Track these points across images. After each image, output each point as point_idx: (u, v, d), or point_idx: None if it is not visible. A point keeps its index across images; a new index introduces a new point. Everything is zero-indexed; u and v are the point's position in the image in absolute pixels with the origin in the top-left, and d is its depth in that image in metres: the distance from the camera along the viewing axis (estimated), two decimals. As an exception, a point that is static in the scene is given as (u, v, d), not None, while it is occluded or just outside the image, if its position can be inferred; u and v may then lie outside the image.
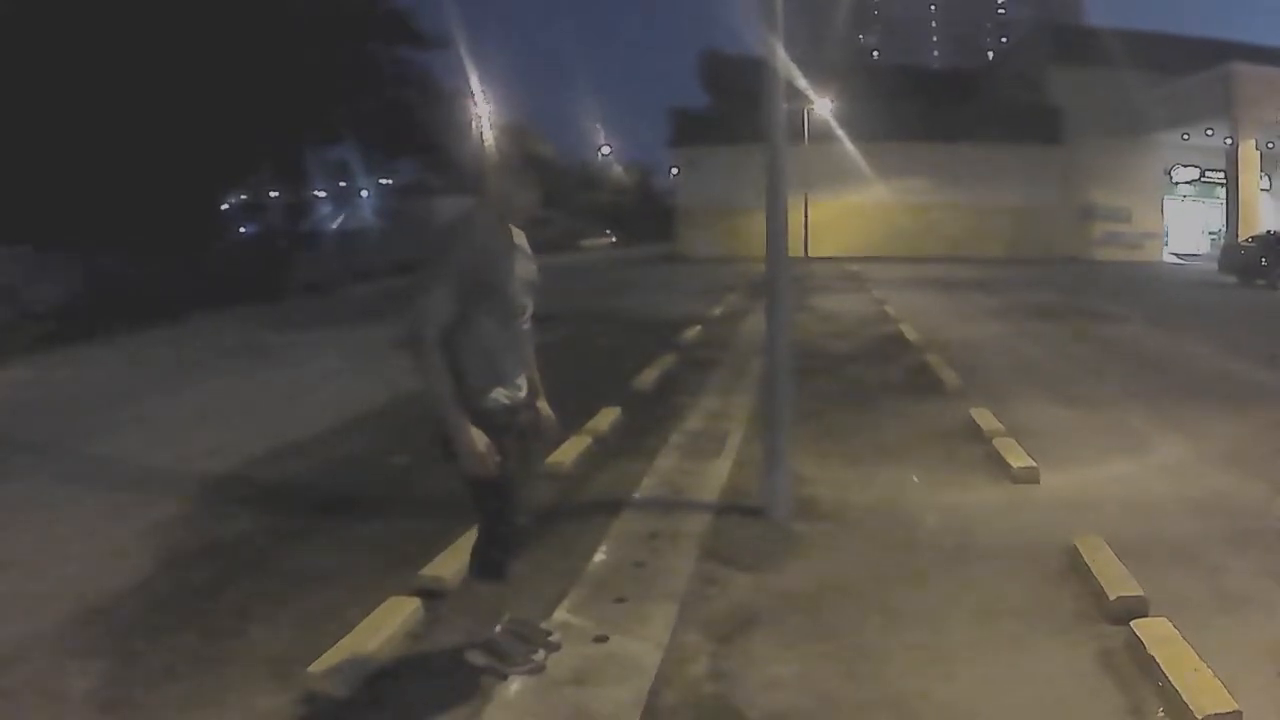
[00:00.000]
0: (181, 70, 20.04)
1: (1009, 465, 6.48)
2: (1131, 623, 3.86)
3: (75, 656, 4.01)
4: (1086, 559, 4.58)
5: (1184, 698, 3.26)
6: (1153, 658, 3.55)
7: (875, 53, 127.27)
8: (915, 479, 6.47)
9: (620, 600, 4.32)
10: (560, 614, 4.13)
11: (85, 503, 6.41)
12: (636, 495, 6.05)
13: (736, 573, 4.74)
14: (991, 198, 41.31)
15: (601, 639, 3.92)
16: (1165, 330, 14.92)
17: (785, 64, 5.64)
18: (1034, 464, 6.43)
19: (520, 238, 3.55)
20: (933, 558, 4.96)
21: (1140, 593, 4.14)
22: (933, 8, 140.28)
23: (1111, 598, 4.14)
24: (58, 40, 18.62)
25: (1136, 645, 3.71)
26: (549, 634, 3.84)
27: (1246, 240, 29.24)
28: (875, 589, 4.54)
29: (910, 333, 14.02)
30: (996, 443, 7.04)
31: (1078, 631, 4.02)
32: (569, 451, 6.84)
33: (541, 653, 3.69)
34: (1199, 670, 3.41)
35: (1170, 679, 3.39)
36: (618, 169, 73.73)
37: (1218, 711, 3.18)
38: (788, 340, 5.90)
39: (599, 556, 4.90)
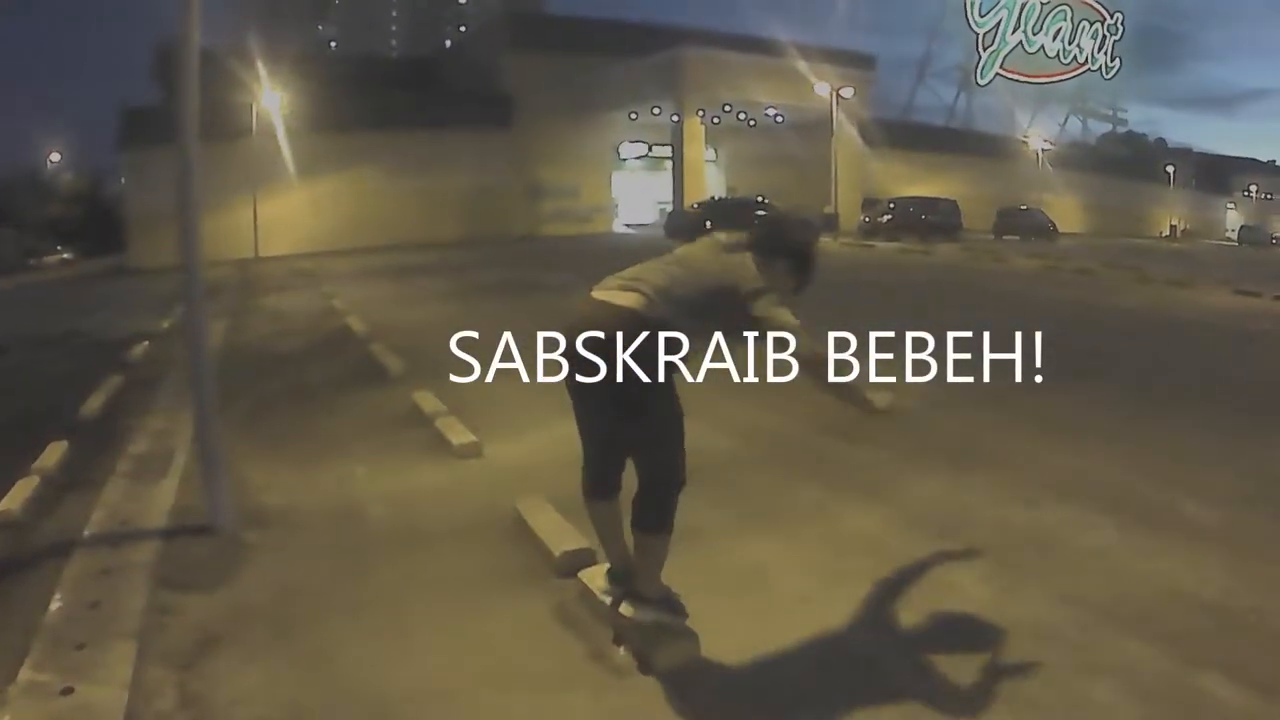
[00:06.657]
0: None
1: (451, 444, 6.72)
2: (580, 574, 4.19)
3: None
4: (529, 520, 4.87)
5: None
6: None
7: (333, 43, 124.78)
8: (360, 471, 6.51)
9: (80, 647, 3.93)
10: (26, 673, 3.68)
11: None
12: (87, 532, 5.46)
13: (190, 596, 4.49)
14: (444, 183, 42.52)
15: (68, 691, 3.56)
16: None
17: (196, 52, 5.31)
18: (475, 439, 6.72)
19: None
20: (383, 546, 5.03)
21: (585, 544, 4.42)
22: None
23: (557, 554, 4.44)
24: None
25: (589, 594, 4.02)
26: None
27: (693, 205, 33.34)
28: (331, 587, 4.54)
29: (357, 324, 13.96)
30: (439, 423, 7.24)
31: (531, 590, 4.28)
32: (17, 496, 5.98)
33: None
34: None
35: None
36: (69, 177, 66.08)
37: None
38: (206, 346, 5.67)
39: (54, 604, 4.38)
